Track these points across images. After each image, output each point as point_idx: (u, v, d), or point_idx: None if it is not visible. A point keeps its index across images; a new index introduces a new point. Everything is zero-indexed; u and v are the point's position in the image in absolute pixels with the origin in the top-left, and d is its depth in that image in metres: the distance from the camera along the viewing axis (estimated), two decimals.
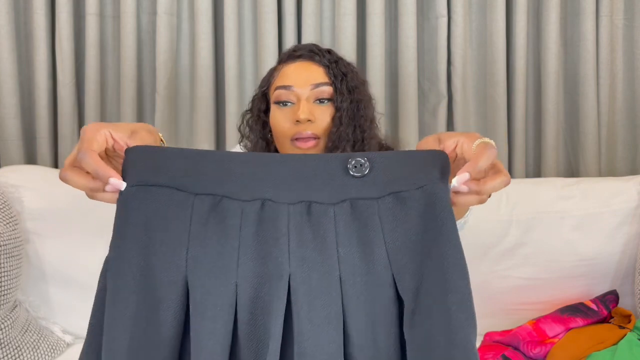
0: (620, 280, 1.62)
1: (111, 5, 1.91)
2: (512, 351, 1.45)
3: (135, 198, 0.73)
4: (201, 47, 1.86)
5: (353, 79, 1.16)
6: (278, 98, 1.14)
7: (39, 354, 1.53)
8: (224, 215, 0.72)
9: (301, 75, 1.13)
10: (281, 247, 0.71)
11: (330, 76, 1.13)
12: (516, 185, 1.70)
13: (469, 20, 1.91)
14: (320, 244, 0.72)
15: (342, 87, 1.13)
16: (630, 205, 1.62)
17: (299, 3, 1.88)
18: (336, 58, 1.17)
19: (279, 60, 1.22)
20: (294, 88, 1.12)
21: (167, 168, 0.73)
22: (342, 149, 1.11)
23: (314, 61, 1.15)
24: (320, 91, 1.13)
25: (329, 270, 0.71)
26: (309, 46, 1.18)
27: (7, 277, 1.47)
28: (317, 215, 0.73)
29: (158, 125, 1.89)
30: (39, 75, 1.88)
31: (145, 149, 0.74)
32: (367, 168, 0.73)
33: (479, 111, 1.94)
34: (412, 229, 0.72)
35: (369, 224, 0.72)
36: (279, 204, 0.73)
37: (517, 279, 1.62)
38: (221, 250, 0.72)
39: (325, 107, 1.13)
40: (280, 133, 1.14)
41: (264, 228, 0.72)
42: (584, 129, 1.90)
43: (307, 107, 1.10)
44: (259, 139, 1.20)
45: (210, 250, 0.72)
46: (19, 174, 1.68)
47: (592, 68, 1.87)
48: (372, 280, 0.72)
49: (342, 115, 1.12)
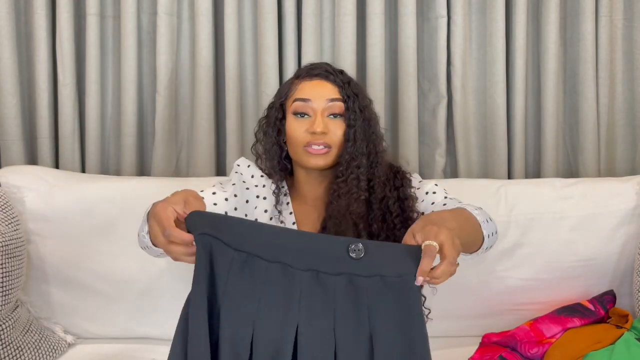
0: (618, 281, 1.63)
1: (111, 5, 1.91)
2: (509, 352, 1.46)
3: (200, 244, 0.97)
4: (201, 47, 1.86)
5: (363, 99, 1.31)
6: (296, 109, 1.29)
7: (40, 354, 1.54)
8: (253, 269, 0.98)
9: (318, 91, 1.29)
10: (294, 300, 0.97)
11: (343, 95, 1.29)
12: (515, 186, 1.71)
13: (469, 21, 1.91)
14: (325, 303, 0.97)
15: (354, 105, 1.28)
16: (629, 206, 1.63)
17: (299, 3, 1.89)
18: (348, 79, 1.32)
19: (297, 75, 1.35)
20: (311, 102, 1.28)
21: (215, 226, 0.98)
22: (358, 162, 1.26)
23: (328, 80, 1.30)
24: (334, 106, 1.28)
25: (328, 325, 0.97)
26: (324, 66, 1.33)
27: (8, 277, 1.48)
28: (322, 281, 0.97)
29: (158, 125, 1.90)
30: (40, 75, 1.88)
31: (199, 214, 0.99)
32: (362, 252, 0.96)
33: (479, 111, 1.94)
34: (389, 305, 0.96)
35: (358, 295, 0.97)
36: (294, 269, 0.97)
37: (515, 279, 1.62)
38: (248, 295, 0.97)
39: (337, 122, 1.28)
40: (295, 140, 1.29)
41: (282, 284, 0.97)
42: (584, 129, 1.90)
43: (322, 121, 1.26)
44: (273, 144, 1.33)
45: (239, 296, 0.97)
46: (20, 175, 1.68)
47: (592, 68, 1.88)
48: (357, 333, 0.96)
49: (356, 131, 1.27)
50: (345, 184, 1.27)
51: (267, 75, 1.85)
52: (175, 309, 1.09)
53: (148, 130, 1.96)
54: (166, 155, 1.92)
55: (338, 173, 1.29)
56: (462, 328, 1.65)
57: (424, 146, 1.96)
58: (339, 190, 1.28)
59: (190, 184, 1.70)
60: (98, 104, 1.91)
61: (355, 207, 1.26)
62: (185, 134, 1.95)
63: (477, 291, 1.62)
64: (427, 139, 1.95)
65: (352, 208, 1.26)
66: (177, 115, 1.94)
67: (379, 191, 1.30)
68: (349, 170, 1.27)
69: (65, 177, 1.72)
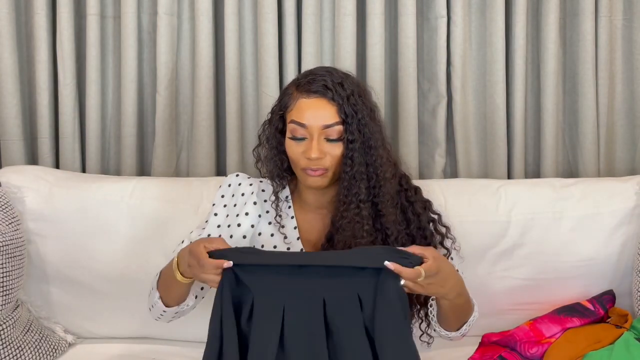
0: (618, 281, 1.63)
1: (112, 5, 1.91)
2: (509, 352, 1.46)
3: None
4: (201, 47, 1.86)
5: (364, 116, 1.26)
6: (293, 133, 1.27)
7: (41, 354, 1.54)
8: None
9: (314, 114, 1.24)
10: None
11: (341, 115, 1.24)
12: (515, 186, 1.71)
13: (469, 21, 1.91)
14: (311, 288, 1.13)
15: (352, 127, 1.24)
16: (629, 206, 1.63)
17: (299, 3, 1.89)
18: (349, 93, 1.25)
19: (297, 84, 1.30)
20: (307, 127, 1.25)
21: (237, 257, 1.14)
22: (357, 188, 1.25)
23: (327, 98, 1.24)
24: (331, 131, 1.25)
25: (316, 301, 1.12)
26: (322, 80, 1.26)
27: (9, 277, 1.48)
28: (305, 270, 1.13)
29: (158, 126, 1.90)
30: (40, 75, 1.88)
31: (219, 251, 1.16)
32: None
33: (479, 111, 1.94)
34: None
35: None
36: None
37: (515, 279, 1.62)
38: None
39: (334, 144, 1.25)
40: (294, 161, 1.29)
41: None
42: (583, 129, 1.91)
43: (317, 147, 1.24)
44: (275, 155, 1.33)
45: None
46: (21, 175, 1.68)
47: (591, 68, 1.88)
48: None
49: (354, 155, 1.24)
50: (348, 212, 1.26)
51: (267, 75, 1.85)
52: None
53: (148, 130, 1.97)
54: (166, 155, 1.92)
55: (340, 199, 1.28)
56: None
57: (423, 146, 1.96)
58: (342, 220, 1.27)
59: (191, 184, 1.70)
60: (98, 104, 1.91)
61: (360, 237, 1.25)
62: (185, 134, 1.96)
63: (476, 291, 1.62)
64: (427, 139, 1.95)
65: (358, 237, 1.25)
66: (177, 115, 1.94)
67: (389, 212, 1.29)
68: (348, 198, 1.26)
69: (66, 177, 1.72)
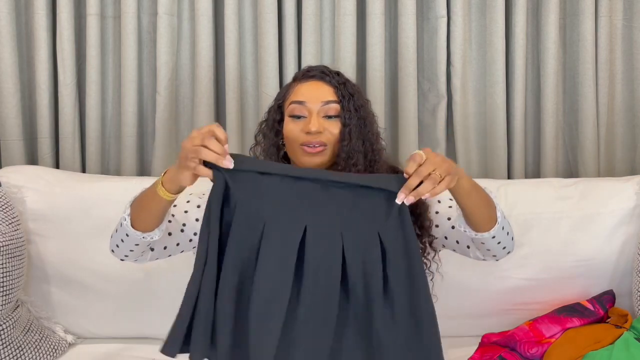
0: (618, 281, 1.63)
1: (112, 5, 1.91)
2: (508, 352, 1.46)
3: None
4: (201, 47, 1.86)
5: (359, 98, 1.31)
6: (292, 112, 1.30)
7: (41, 353, 1.54)
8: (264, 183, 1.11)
9: (313, 93, 1.29)
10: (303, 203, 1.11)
11: (338, 95, 1.29)
12: (515, 186, 1.71)
13: (469, 21, 1.91)
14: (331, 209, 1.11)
15: (349, 105, 1.28)
16: (629, 206, 1.63)
17: (299, 3, 1.89)
18: (344, 80, 1.32)
19: (294, 78, 1.37)
20: (306, 103, 1.28)
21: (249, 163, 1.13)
22: (355, 160, 1.27)
23: (324, 81, 1.31)
24: (329, 108, 1.28)
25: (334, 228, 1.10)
26: (320, 68, 1.34)
27: (9, 277, 1.49)
28: (330, 190, 1.11)
29: (158, 126, 1.90)
30: (40, 75, 1.88)
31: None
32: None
33: (479, 111, 1.94)
34: (394, 233, 1.09)
35: (365, 215, 1.10)
36: (303, 179, 1.11)
37: (515, 279, 1.62)
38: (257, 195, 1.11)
39: (333, 122, 1.29)
40: (292, 140, 1.30)
41: (291, 188, 1.10)
42: (583, 129, 1.91)
43: (317, 120, 1.27)
44: (271, 145, 1.35)
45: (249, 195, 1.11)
46: (21, 175, 1.68)
47: (591, 68, 1.88)
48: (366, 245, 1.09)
49: (351, 130, 1.27)
50: None
51: (267, 76, 1.86)
52: (175, 309, 1.10)
53: (148, 130, 1.97)
54: (166, 155, 1.92)
55: (339, 170, 1.28)
56: (462, 328, 1.65)
57: (423, 146, 1.96)
58: None
59: None
60: (98, 104, 1.92)
61: None
62: (185, 134, 1.95)
63: (476, 291, 1.62)
64: (427, 139, 1.95)
65: None
66: (177, 115, 1.95)
67: None
68: (346, 169, 1.27)
69: (66, 177, 1.73)
